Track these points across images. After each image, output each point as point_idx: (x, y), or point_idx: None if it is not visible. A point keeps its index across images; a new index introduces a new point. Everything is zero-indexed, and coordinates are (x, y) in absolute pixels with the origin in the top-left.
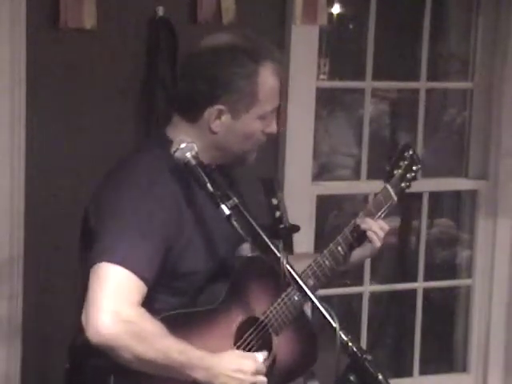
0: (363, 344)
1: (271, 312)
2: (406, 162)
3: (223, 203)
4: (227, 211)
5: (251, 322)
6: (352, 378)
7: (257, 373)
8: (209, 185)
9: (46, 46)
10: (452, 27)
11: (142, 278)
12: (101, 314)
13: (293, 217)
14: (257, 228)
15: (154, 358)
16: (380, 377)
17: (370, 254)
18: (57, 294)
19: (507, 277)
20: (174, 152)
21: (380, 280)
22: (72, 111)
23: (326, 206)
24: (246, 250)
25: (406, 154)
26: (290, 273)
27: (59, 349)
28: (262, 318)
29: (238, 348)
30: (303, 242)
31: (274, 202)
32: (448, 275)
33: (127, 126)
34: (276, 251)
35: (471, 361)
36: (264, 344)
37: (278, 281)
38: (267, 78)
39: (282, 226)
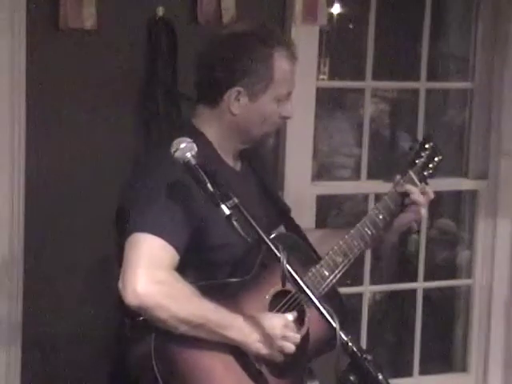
0: (363, 344)
1: None
2: (427, 152)
3: (223, 203)
4: (227, 211)
5: (284, 294)
6: (352, 377)
7: (288, 329)
8: (209, 185)
9: (46, 46)
10: (452, 27)
11: (172, 245)
12: (136, 277)
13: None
14: (257, 228)
15: (188, 316)
16: (380, 377)
17: (413, 219)
18: (57, 294)
19: (507, 277)
20: (174, 152)
21: (380, 280)
22: (72, 111)
23: (326, 206)
24: (281, 227)
25: (427, 145)
26: (291, 273)
27: (59, 349)
28: (294, 290)
29: None
30: None
31: None
32: (448, 275)
33: (127, 126)
34: (276, 251)
35: (471, 361)
36: (297, 316)
37: (309, 255)
38: (282, 61)
39: None
